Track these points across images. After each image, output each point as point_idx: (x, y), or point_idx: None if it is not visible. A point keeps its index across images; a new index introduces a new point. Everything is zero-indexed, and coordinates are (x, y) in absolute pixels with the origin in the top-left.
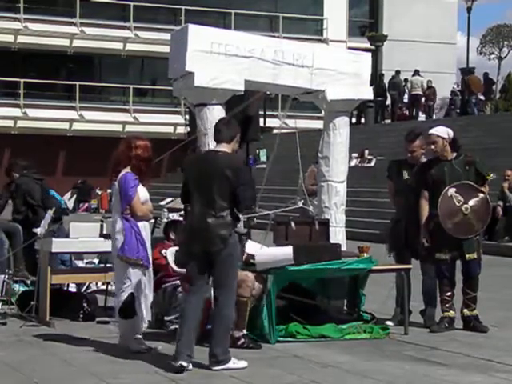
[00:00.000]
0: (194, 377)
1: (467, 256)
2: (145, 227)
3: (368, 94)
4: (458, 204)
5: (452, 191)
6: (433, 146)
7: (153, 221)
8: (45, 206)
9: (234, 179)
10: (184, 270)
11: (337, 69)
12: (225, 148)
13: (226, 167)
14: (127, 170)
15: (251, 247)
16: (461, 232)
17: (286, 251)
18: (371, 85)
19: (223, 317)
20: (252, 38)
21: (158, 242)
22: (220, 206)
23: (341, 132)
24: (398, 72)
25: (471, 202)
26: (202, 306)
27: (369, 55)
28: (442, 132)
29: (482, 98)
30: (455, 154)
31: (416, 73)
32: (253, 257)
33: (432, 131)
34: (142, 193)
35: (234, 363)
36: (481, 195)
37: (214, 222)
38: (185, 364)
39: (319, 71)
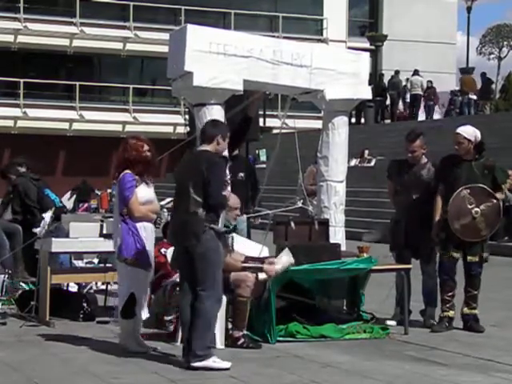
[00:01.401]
0: (193, 377)
1: (468, 258)
2: (145, 228)
3: (367, 93)
4: (469, 206)
5: (465, 192)
6: (456, 147)
7: None
8: (41, 207)
9: (207, 173)
10: None
11: (336, 68)
12: (206, 147)
13: (201, 162)
14: (127, 170)
15: (252, 249)
16: (467, 235)
17: (286, 261)
18: (369, 84)
19: (202, 312)
20: (250, 38)
21: (159, 242)
22: (194, 201)
23: (340, 132)
24: (397, 72)
25: (482, 206)
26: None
27: (367, 55)
28: (470, 134)
29: (473, 97)
30: (476, 156)
31: (415, 73)
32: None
33: (459, 131)
34: (144, 193)
35: (214, 361)
36: (493, 201)
37: (188, 217)
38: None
39: (318, 71)
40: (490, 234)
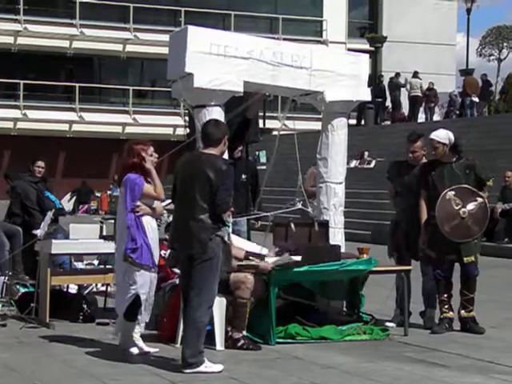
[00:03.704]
0: (193, 379)
1: (465, 259)
2: (152, 230)
3: (366, 95)
4: (456, 207)
5: (451, 194)
6: (433, 152)
7: None
8: (41, 209)
9: (215, 181)
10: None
11: (335, 70)
12: (212, 151)
13: (208, 168)
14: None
15: (252, 248)
16: (458, 235)
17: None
18: (369, 86)
19: (194, 320)
20: (251, 40)
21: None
22: (201, 207)
23: (339, 133)
24: (397, 74)
25: (469, 206)
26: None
27: (366, 56)
28: (443, 138)
29: (476, 99)
30: (456, 157)
31: (415, 74)
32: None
33: (433, 136)
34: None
35: (206, 367)
36: (479, 199)
37: (194, 225)
38: None
39: (318, 72)
40: (480, 232)
